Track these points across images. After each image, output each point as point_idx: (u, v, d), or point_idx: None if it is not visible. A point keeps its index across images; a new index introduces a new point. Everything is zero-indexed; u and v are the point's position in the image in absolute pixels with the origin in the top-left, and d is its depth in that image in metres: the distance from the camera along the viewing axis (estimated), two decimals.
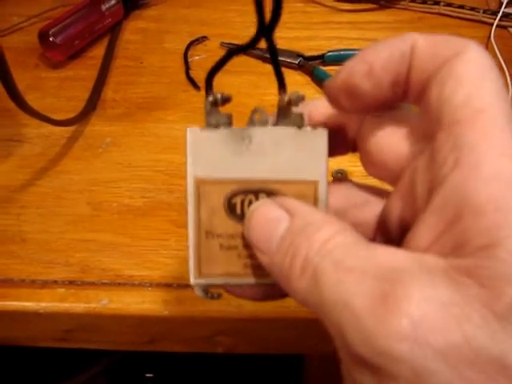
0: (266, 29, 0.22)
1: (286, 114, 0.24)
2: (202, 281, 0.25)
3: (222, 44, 0.58)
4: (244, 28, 0.59)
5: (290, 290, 0.21)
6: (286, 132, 0.24)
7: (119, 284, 0.41)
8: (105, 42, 0.58)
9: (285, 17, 0.61)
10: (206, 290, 0.26)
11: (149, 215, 0.45)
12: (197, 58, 0.57)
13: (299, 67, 0.55)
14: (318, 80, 0.54)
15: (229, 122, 0.25)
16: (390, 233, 0.24)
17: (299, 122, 0.24)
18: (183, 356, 1.05)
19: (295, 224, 0.22)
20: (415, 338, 0.16)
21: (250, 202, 0.24)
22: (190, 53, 0.57)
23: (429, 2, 0.61)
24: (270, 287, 0.25)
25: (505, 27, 0.60)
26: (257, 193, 0.24)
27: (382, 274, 0.18)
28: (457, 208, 0.18)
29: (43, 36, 0.55)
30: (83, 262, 0.42)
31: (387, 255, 0.19)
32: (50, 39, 0.54)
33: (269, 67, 0.56)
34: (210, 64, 0.62)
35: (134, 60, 0.57)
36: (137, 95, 0.54)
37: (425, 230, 0.19)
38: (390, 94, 0.23)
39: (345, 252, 0.19)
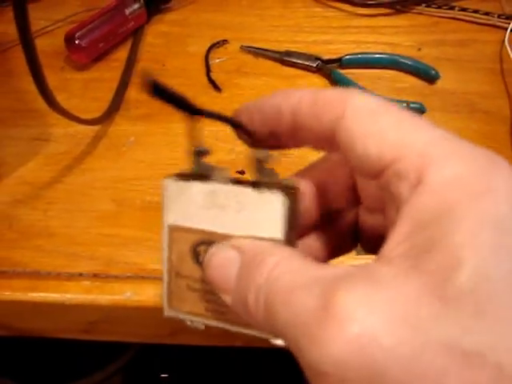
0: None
1: (260, 170, 0.25)
2: (172, 313, 0.27)
3: (242, 47, 0.59)
4: (264, 32, 0.61)
5: (255, 325, 0.21)
6: (246, 192, 0.25)
7: (143, 277, 0.43)
8: (128, 45, 0.60)
9: (304, 21, 0.63)
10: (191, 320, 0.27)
11: None
12: (217, 60, 0.58)
13: (317, 70, 0.57)
14: (336, 83, 0.55)
15: (212, 174, 0.26)
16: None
17: (272, 179, 0.25)
18: (198, 356, 1.06)
19: (245, 259, 0.23)
20: (362, 341, 0.16)
21: None
22: (210, 55, 0.58)
23: (444, 7, 0.62)
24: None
25: None
26: None
27: (324, 285, 0.18)
28: (415, 221, 0.19)
29: (69, 39, 0.56)
30: (108, 255, 0.44)
31: (330, 269, 0.19)
32: (76, 42, 0.56)
33: (287, 70, 0.58)
34: (230, 66, 0.64)
35: (157, 63, 0.59)
36: None
37: (388, 245, 0.20)
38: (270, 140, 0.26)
39: (290, 276, 0.20)
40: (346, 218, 0.29)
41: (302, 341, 0.18)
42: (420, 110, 0.52)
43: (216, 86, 0.55)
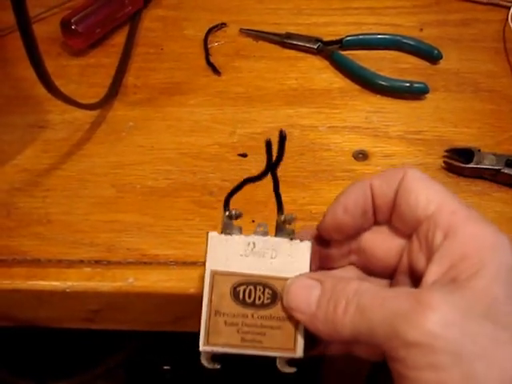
0: (271, 165, 0.31)
1: (282, 229, 0.33)
2: (208, 348, 0.32)
3: (241, 30, 0.58)
4: (262, 14, 0.60)
5: (335, 332, 0.29)
6: (281, 241, 0.33)
7: (145, 263, 0.42)
8: (125, 30, 0.59)
9: (303, 3, 0.61)
10: (209, 359, 0.32)
11: (172, 196, 0.45)
12: (216, 44, 0.57)
13: (318, 52, 0.56)
14: (337, 64, 0.55)
15: (239, 233, 0.33)
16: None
17: (291, 235, 0.33)
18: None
19: (328, 286, 0.30)
20: (444, 324, 0.25)
21: (250, 291, 0.32)
22: (209, 39, 0.57)
23: None
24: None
25: None
26: (255, 285, 0.32)
27: (412, 294, 0.27)
28: (450, 260, 0.28)
29: (65, 24, 0.55)
30: (109, 242, 0.43)
31: (404, 287, 0.31)
32: (73, 27, 0.55)
33: (287, 52, 0.58)
34: (229, 50, 0.63)
35: (155, 47, 0.58)
36: (158, 81, 0.54)
37: (431, 276, 0.29)
38: (362, 220, 0.33)
39: (375, 289, 0.29)
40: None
41: (401, 326, 0.26)
42: (424, 90, 0.51)
43: (215, 70, 0.54)
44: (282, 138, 0.30)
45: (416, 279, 0.31)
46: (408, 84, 0.51)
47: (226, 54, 0.57)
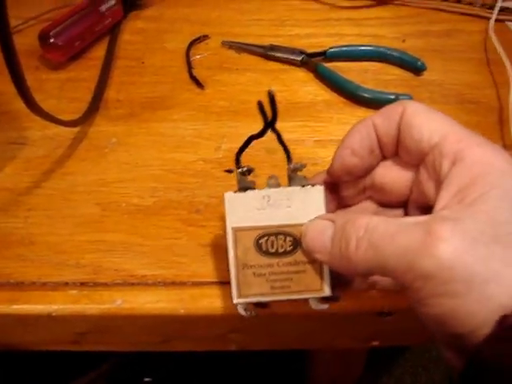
0: (270, 122, 0.33)
1: (293, 177, 0.35)
2: (242, 300, 0.34)
3: (224, 42, 0.57)
4: (244, 26, 0.59)
5: (350, 267, 0.30)
6: (293, 190, 0.34)
7: (132, 284, 0.41)
8: (105, 43, 0.58)
9: (284, 14, 0.61)
10: (246, 308, 0.34)
11: (159, 214, 0.44)
12: (198, 56, 0.57)
13: (302, 64, 0.55)
14: (322, 77, 0.54)
15: (253, 187, 0.35)
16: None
17: (303, 182, 0.34)
18: (181, 360, 1.04)
19: (339, 224, 0.31)
20: (457, 253, 0.26)
21: (272, 242, 0.34)
22: (191, 52, 0.57)
23: None
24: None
25: (503, 21, 0.60)
26: (276, 235, 0.34)
27: (423, 225, 0.27)
28: (459, 185, 0.28)
29: (44, 37, 0.54)
30: (95, 263, 0.42)
31: (413, 218, 0.29)
32: (51, 40, 0.54)
33: (271, 64, 0.57)
34: (211, 62, 0.62)
35: (136, 60, 0.57)
36: (140, 95, 0.53)
37: (440, 203, 0.29)
38: (371, 159, 0.35)
39: (385, 224, 0.29)
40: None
41: (414, 257, 0.26)
42: None
43: (199, 83, 0.54)
44: (272, 98, 0.31)
45: (427, 206, 0.32)
46: (393, 96, 0.51)
47: (208, 66, 0.56)
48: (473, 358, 0.26)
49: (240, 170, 0.35)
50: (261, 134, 0.33)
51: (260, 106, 0.32)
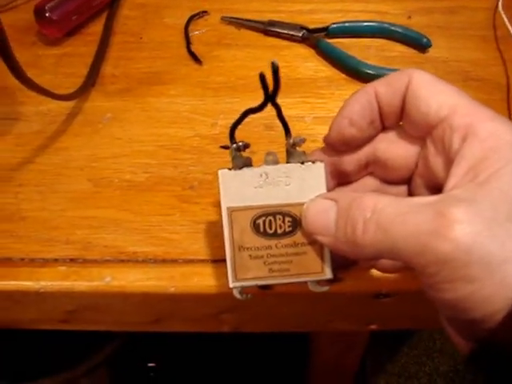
0: (271, 95, 0.30)
1: (292, 153, 0.33)
2: (238, 284, 0.32)
3: (223, 18, 0.56)
4: (244, 2, 0.58)
5: (357, 251, 0.28)
6: (292, 167, 0.32)
7: (122, 261, 0.40)
8: (103, 18, 0.56)
9: None
10: (242, 291, 0.33)
11: (152, 190, 0.43)
12: (197, 32, 0.55)
13: (303, 40, 0.54)
14: (323, 53, 0.53)
15: (249, 163, 0.32)
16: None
17: (303, 158, 0.32)
18: (184, 345, 1.04)
19: (343, 205, 0.29)
20: (473, 236, 0.24)
21: (270, 222, 0.32)
22: (190, 27, 0.55)
23: None
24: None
25: None
26: (274, 215, 0.32)
27: (435, 206, 0.26)
28: (471, 162, 0.27)
29: (39, 12, 0.53)
30: (85, 239, 0.41)
31: (423, 198, 0.27)
32: (47, 15, 0.53)
33: (271, 40, 0.56)
34: (210, 38, 0.61)
35: (134, 35, 0.55)
36: (137, 70, 0.52)
37: (451, 181, 0.27)
38: (371, 130, 0.33)
39: (394, 205, 0.27)
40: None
41: (428, 243, 0.25)
42: None
43: (196, 59, 0.52)
44: (275, 69, 0.29)
45: (434, 183, 0.31)
46: None
47: (207, 42, 0.54)
48: (485, 341, 0.25)
49: (235, 145, 0.32)
50: (260, 108, 0.31)
51: (262, 77, 0.29)
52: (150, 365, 1.11)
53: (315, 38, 0.53)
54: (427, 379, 1.12)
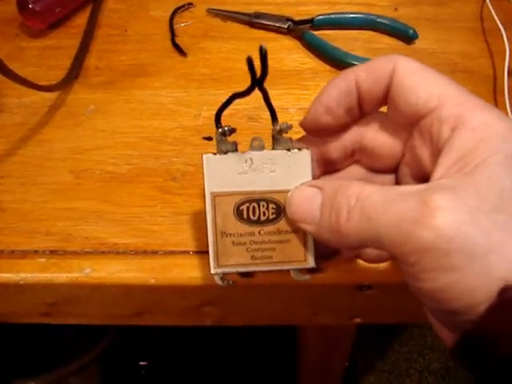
0: (258, 80, 0.29)
1: (278, 139, 0.32)
2: (219, 270, 0.32)
3: (209, 10, 0.55)
4: None
5: (341, 239, 0.28)
6: (278, 153, 0.32)
7: (103, 252, 0.40)
8: (87, 11, 0.56)
9: None
10: (223, 278, 0.33)
11: (134, 182, 0.43)
12: (183, 24, 0.55)
13: (288, 32, 0.53)
14: (308, 44, 0.52)
15: (235, 149, 0.32)
16: None
17: (289, 145, 0.32)
18: (175, 344, 1.04)
19: (327, 192, 0.29)
20: (456, 225, 0.24)
21: (254, 209, 0.32)
22: (175, 20, 0.55)
23: None
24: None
25: None
26: (258, 201, 0.32)
27: (419, 194, 0.25)
28: (459, 152, 0.26)
29: (22, 3, 0.52)
30: (65, 230, 0.41)
31: (408, 187, 0.27)
32: (30, 6, 0.52)
33: (257, 32, 0.55)
34: (196, 30, 0.60)
35: (119, 28, 0.55)
36: (121, 63, 0.52)
37: (438, 171, 0.27)
38: (347, 118, 0.32)
39: (379, 193, 0.27)
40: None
41: (410, 232, 0.24)
42: None
43: (181, 51, 0.52)
44: (263, 53, 0.28)
45: (421, 173, 0.30)
46: None
47: (193, 34, 0.54)
48: (468, 334, 0.25)
49: (220, 129, 0.32)
50: (247, 92, 0.30)
51: (249, 61, 0.28)
52: (142, 363, 1.10)
53: (301, 30, 0.53)
54: (418, 376, 1.12)
